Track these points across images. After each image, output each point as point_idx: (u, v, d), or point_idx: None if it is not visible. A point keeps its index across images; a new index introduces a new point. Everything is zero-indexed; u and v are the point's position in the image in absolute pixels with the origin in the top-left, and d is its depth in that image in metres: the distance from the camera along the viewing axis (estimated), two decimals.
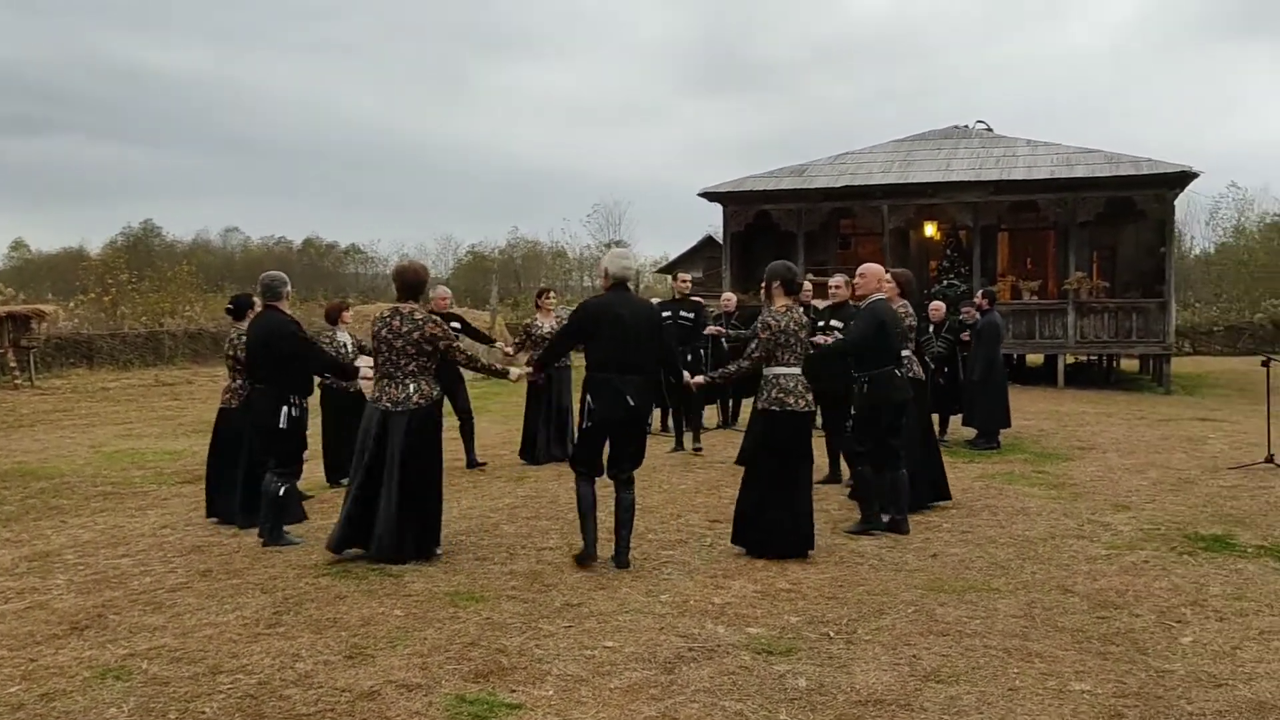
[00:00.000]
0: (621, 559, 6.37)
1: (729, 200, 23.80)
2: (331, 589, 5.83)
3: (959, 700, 4.27)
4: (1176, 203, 22.26)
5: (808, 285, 10.28)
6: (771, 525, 6.62)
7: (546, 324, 10.69)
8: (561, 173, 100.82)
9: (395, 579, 6.04)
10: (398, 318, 6.55)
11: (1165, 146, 73.61)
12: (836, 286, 9.08)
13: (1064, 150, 23.16)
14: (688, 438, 11.48)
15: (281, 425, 6.95)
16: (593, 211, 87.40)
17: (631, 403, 6.25)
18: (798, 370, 6.65)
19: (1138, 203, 21.26)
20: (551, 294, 11.39)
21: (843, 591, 5.89)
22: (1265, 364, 10.52)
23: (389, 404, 6.50)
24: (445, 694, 4.30)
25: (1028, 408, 15.60)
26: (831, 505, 8.33)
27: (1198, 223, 53.20)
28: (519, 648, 4.88)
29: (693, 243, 46.91)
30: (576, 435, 7.40)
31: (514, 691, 4.35)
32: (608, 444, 6.44)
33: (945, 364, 12.38)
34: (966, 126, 26.33)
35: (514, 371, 7.29)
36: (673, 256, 50.34)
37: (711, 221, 65.47)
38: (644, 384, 6.35)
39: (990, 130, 26.13)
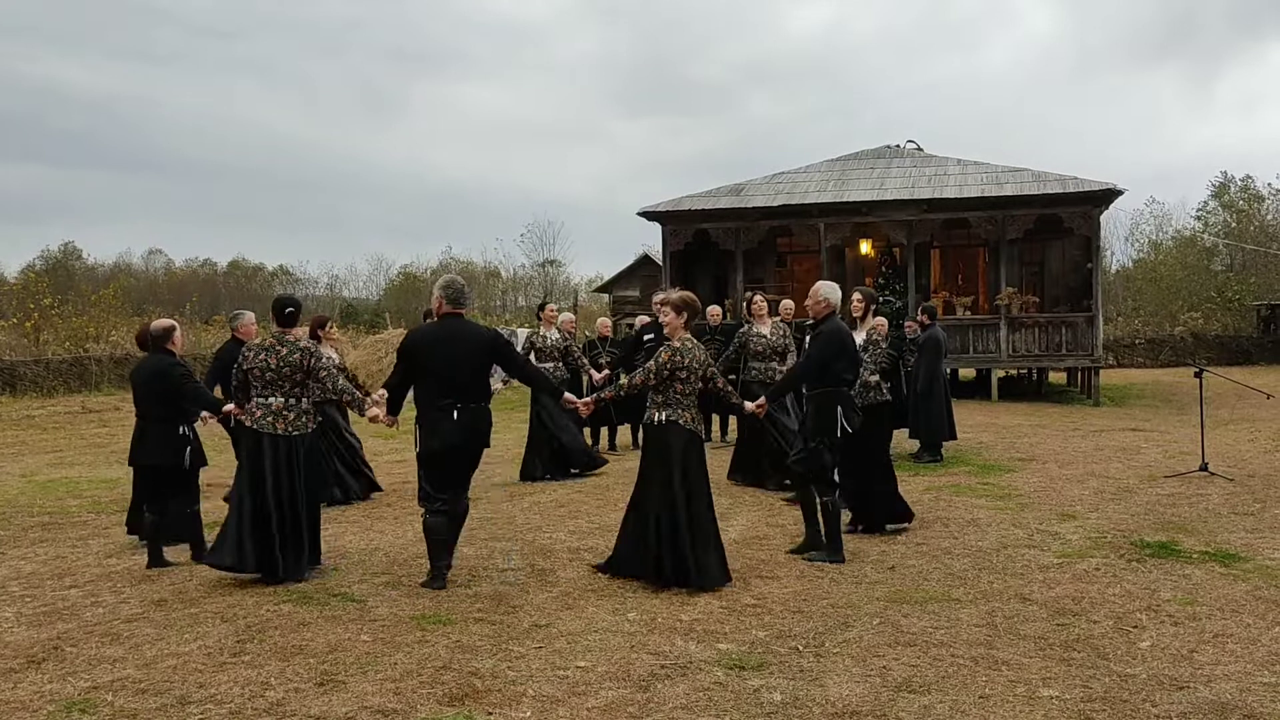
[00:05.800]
0: None
1: (668, 219, 23.90)
2: (294, 616, 5.73)
3: (933, 709, 4.34)
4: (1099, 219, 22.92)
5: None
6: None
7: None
8: (494, 192, 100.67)
9: (358, 604, 5.96)
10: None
11: (1086, 163, 75.96)
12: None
13: (993, 169, 23.70)
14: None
15: None
16: (526, 231, 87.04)
17: None
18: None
19: (1065, 220, 21.83)
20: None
21: (807, 605, 5.94)
22: (1198, 375, 10.86)
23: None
24: (422, 718, 4.26)
25: (965, 421, 15.85)
26: (787, 520, 8.40)
27: (1117, 238, 54.82)
28: (491, 670, 4.85)
29: (629, 261, 47.08)
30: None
31: (490, 714, 4.32)
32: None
33: (888, 378, 12.55)
34: (898, 146, 26.82)
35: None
36: (608, 276, 50.42)
37: (646, 240, 65.85)
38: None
39: (921, 150, 26.65)
